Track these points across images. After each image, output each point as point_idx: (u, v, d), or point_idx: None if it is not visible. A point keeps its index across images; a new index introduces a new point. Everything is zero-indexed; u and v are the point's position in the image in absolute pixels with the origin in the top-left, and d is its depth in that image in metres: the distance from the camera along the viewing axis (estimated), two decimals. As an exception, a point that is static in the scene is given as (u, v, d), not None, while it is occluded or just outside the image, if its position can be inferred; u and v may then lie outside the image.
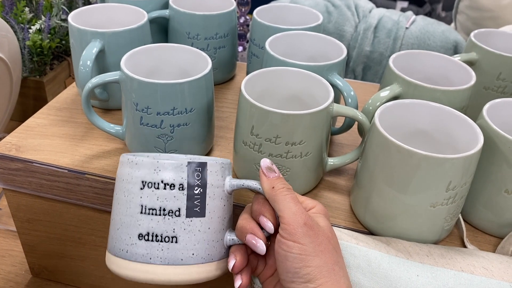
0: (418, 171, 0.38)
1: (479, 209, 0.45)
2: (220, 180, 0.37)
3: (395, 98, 0.49)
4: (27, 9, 0.85)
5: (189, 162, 0.35)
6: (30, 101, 0.89)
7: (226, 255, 0.38)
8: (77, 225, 0.55)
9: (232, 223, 0.39)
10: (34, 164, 0.51)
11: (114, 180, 0.49)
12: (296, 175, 0.46)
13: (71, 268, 0.60)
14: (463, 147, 0.40)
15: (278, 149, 0.44)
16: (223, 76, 0.68)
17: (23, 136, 0.54)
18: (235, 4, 0.65)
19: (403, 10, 2.63)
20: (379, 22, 0.81)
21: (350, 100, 0.50)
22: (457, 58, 0.58)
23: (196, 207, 0.35)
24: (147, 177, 0.35)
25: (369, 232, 0.45)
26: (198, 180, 0.36)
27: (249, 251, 0.38)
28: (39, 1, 0.89)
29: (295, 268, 0.33)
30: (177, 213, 0.35)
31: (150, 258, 0.35)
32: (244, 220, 0.36)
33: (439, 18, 2.29)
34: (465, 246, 0.43)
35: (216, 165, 0.37)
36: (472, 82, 0.49)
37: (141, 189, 0.35)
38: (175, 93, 0.46)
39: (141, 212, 0.35)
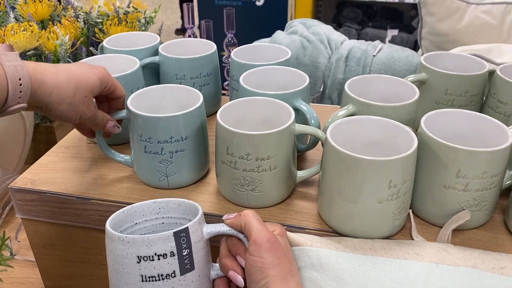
0: (364, 173, 0.46)
1: (426, 204, 0.52)
2: (200, 234, 0.44)
3: (351, 116, 0.57)
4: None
5: (174, 233, 0.41)
6: (42, 145, 0.99)
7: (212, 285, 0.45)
8: (86, 246, 0.63)
9: (211, 258, 0.47)
10: (47, 194, 0.59)
11: (116, 202, 0.58)
12: (268, 186, 0.54)
13: (83, 287, 0.68)
14: (404, 151, 0.48)
15: (250, 165, 0.52)
16: (210, 109, 0.77)
17: (37, 172, 0.63)
18: (215, 47, 0.74)
19: (394, 37, 2.76)
20: (349, 53, 0.91)
21: (313, 121, 0.58)
22: (410, 78, 0.67)
23: (186, 265, 0.42)
24: (141, 253, 0.41)
25: (334, 231, 0.52)
26: (184, 243, 0.42)
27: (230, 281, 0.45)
28: (47, 56, 1.00)
29: (258, 279, 0.41)
30: (172, 275, 0.42)
31: None
32: (227, 259, 0.44)
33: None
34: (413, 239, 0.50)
35: (195, 225, 0.43)
36: (415, 98, 0.57)
37: (138, 262, 0.41)
38: (172, 124, 0.55)
39: (142, 281, 0.41)
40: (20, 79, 0.44)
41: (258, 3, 2.58)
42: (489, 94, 0.66)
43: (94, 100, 0.55)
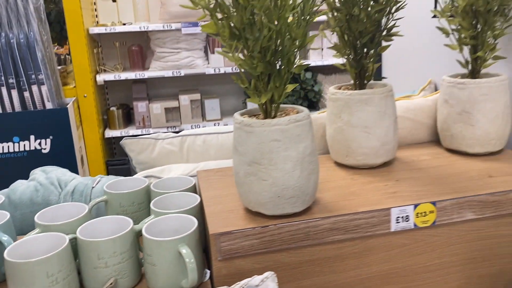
0: (29, 272, 0.69)
1: (89, 281, 0.77)
2: None
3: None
4: None
5: None
6: None
7: None
8: None
9: None
10: None
11: None
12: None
13: None
14: (60, 252, 0.73)
15: None
16: None
17: None
18: None
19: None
20: (75, 188, 1.17)
21: (6, 244, 0.80)
22: (95, 202, 0.95)
23: None
24: None
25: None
26: None
27: None
28: None
29: None
30: None
31: None
32: None
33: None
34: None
35: None
36: (83, 214, 0.85)
37: None
38: None
39: None
40: None
41: (44, 151, 2.73)
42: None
43: None
